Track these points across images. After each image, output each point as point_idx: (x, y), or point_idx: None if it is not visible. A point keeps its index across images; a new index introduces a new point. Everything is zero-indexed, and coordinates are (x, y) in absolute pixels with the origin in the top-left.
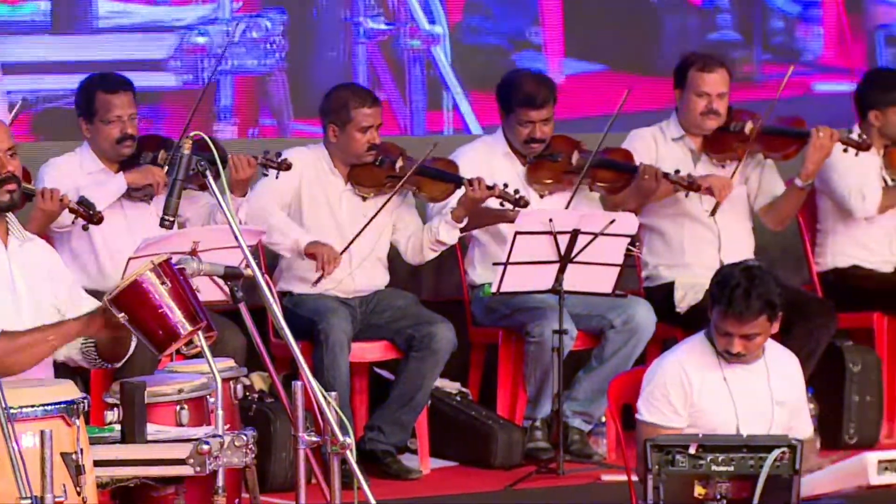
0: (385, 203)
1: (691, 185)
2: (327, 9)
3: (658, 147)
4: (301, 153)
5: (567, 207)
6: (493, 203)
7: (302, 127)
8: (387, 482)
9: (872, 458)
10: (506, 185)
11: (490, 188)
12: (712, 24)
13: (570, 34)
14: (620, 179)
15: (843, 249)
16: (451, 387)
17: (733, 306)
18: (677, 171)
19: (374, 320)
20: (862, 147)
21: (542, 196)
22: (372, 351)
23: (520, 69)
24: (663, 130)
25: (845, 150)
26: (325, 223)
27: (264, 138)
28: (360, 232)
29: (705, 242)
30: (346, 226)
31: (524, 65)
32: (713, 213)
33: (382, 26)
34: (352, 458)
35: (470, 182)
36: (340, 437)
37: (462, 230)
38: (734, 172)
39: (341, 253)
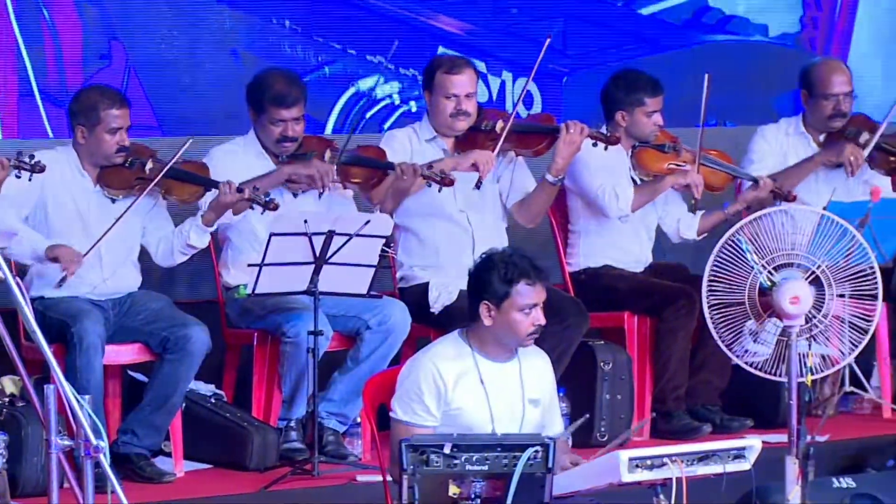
0: (132, 205)
1: (444, 179)
2: None
3: (412, 148)
4: (48, 155)
5: (320, 197)
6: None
7: None
8: (140, 485)
9: (623, 455)
10: (256, 189)
11: (240, 191)
12: None
13: None
14: (374, 176)
15: (594, 250)
16: (206, 389)
17: (535, 274)
18: (430, 166)
19: (128, 322)
20: (611, 141)
21: (295, 195)
22: (126, 353)
23: (270, 68)
24: (416, 132)
25: (595, 145)
26: (72, 225)
27: None
28: (105, 233)
29: (459, 243)
30: (94, 228)
31: None
32: (477, 185)
33: None
34: (105, 461)
35: (221, 185)
36: (94, 441)
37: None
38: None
39: (85, 254)
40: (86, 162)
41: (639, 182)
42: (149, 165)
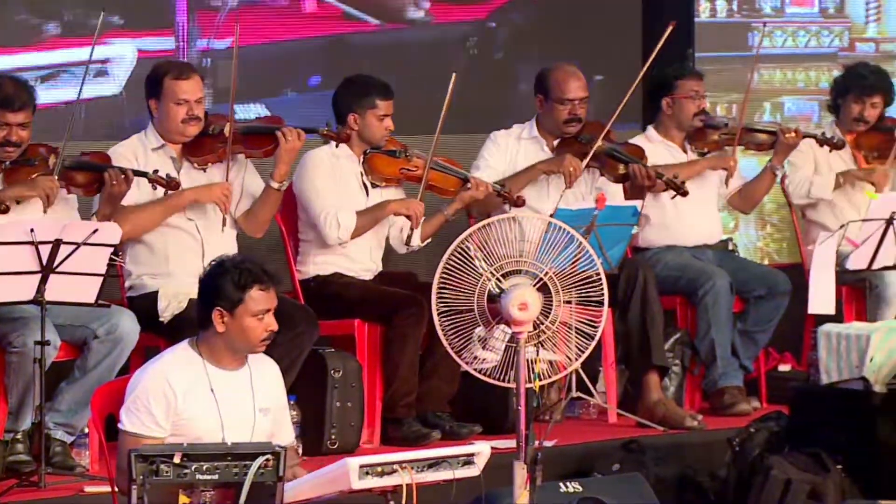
0: None
1: (170, 183)
2: None
3: (139, 158)
4: None
5: (45, 212)
6: None
7: None
8: None
9: (354, 463)
10: None
11: None
12: None
13: None
14: (96, 180)
15: (324, 258)
16: None
17: (267, 279)
18: (156, 171)
19: None
20: (342, 138)
21: (18, 202)
22: None
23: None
24: (143, 141)
25: (326, 143)
26: None
27: None
28: None
29: (188, 251)
30: None
31: None
32: None
33: None
34: None
35: None
36: None
37: None
38: (226, 175)
39: None
40: None
41: (370, 187)
42: None
